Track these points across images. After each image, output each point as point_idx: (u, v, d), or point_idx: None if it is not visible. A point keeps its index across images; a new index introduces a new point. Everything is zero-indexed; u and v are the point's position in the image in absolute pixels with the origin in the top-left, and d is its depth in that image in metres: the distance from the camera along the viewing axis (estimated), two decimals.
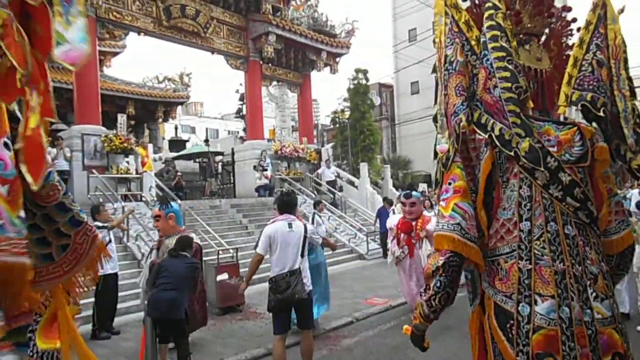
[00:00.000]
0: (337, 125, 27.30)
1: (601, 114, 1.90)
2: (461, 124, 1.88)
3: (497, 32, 1.90)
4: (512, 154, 1.82)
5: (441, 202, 1.90)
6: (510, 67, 1.86)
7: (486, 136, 1.87)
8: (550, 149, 1.85)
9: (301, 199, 13.79)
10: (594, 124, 1.93)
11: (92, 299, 5.84)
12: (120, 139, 10.85)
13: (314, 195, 13.98)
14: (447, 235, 1.79)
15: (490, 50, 1.88)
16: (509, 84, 1.83)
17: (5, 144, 1.03)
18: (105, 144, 10.73)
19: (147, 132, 21.44)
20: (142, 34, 12.40)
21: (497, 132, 1.84)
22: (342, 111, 25.49)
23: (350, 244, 11.97)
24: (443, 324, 5.69)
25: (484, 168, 1.91)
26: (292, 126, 21.92)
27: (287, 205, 4.69)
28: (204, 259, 7.30)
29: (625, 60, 2.02)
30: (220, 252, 7.84)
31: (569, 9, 2.15)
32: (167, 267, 4.39)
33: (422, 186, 21.39)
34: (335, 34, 16.25)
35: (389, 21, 31.16)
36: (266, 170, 14.12)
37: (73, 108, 11.23)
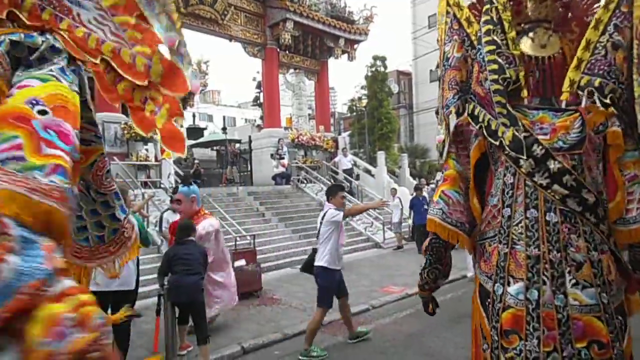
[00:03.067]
0: (355, 113, 27.12)
1: (607, 101, 1.85)
2: (450, 116, 2.02)
3: (491, 26, 1.98)
4: (497, 143, 1.91)
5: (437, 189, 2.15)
6: (499, 59, 1.94)
7: (477, 127, 1.97)
8: (541, 137, 1.88)
9: (317, 188, 13.84)
10: (611, 109, 1.86)
11: None
12: None
13: (330, 184, 13.98)
14: (432, 218, 2.06)
15: (483, 44, 1.98)
16: (496, 76, 1.92)
17: (77, 134, 1.20)
18: (125, 132, 10.88)
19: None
20: None
21: (485, 123, 1.94)
22: (360, 99, 25.28)
23: (366, 232, 11.97)
24: (459, 313, 5.68)
25: (472, 157, 2.04)
26: (309, 114, 21.85)
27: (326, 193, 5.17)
28: None
29: None
30: (238, 238, 7.92)
31: None
32: (180, 254, 4.43)
33: (440, 174, 21.19)
34: (353, 21, 16.06)
35: (408, 7, 30.67)
36: (283, 158, 14.16)
37: (94, 96, 11.39)
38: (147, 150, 11.23)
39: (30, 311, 0.83)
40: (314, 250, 5.02)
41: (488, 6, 2.02)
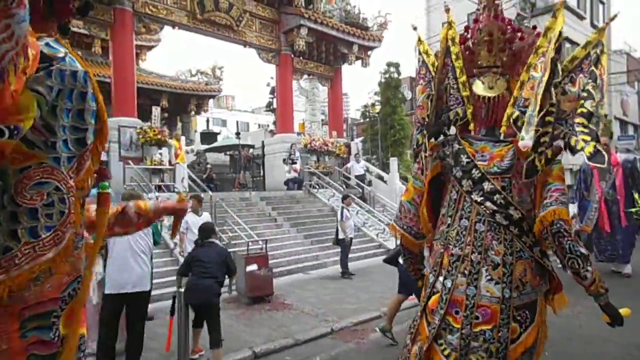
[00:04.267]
0: (367, 119, 27.11)
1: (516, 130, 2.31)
2: (413, 145, 2.60)
3: (451, 74, 2.56)
4: (449, 166, 2.46)
5: None
6: (451, 100, 2.57)
7: (439, 153, 2.52)
8: (480, 163, 2.37)
9: (329, 193, 13.83)
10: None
11: None
12: (154, 131, 11.12)
13: (342, 189, 13.96)
14: (393, 223, 2.74)
15: None
16: (452, 114, 2.55)
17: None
18: (140, 136, 11.02)
19: (179, 124, 21.91)
20: (176, 27, 12.62)
21: (447, 151, 2.50)
22: (373, 105, 25.28)
23: (378, 238, 11.90)
24: None
25: (427, 176, 2.53)
26: (322, 120, 21.90)
27: None
28: (234, 250, 7.43)
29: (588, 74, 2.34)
30: (250, 243, 7.95)
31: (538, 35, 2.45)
32: (199, 257, 4.59)
33: None
34: (367, 27, 16.09)
35: (422, 14, 30.63)
36: (295, 163, 14.18)
37: (110, 101, 11.60)
38: (161, 154, 11.36)
39: None
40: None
41: (442, 56, 2.58)
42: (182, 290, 4.36)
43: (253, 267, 6.86)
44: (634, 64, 28.68)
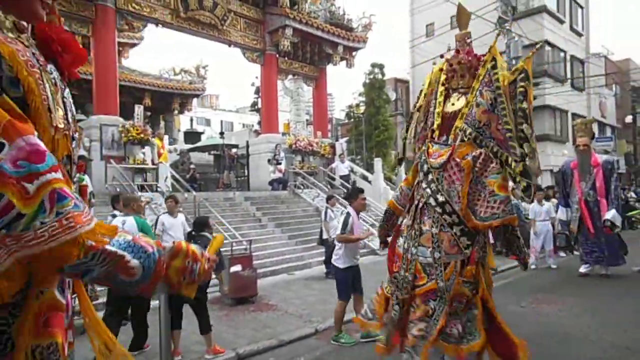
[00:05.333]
0: (352, 120, 27.21)
1: (465, 139, 3.28)
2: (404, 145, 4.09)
3: (434, 96, 3.64)
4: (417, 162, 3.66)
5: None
6: (422, 115, 3.78)
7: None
8: (432, 160, 3.42)
9: (314, 193, 13.84)
10: (471, 142, 3.30)
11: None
12: (137, 129, 10.97)
13: (327, 190, 13.99)
14: (390, 199, 4.16)
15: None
16: (430, 123, 3.63)
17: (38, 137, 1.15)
18: (123, 135, 10.86)
19: (162, 123, 21.64)
20: (159, 25, 12.47)
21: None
22: (357, 105, 25.38)
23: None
24: None
25: (412, 169, 3.75)
26: (307, 120, 21.90)
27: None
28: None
29: (512, 97, 3.15)
30: (234, 243, 7.90)
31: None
32: None
33: None
34: (352, 28, 16.14)
35: (406, 16, 30.88)
36: (280, 163, 14.16)
37: (92, 98, 11.39)
38: (144, 153, 11.21)
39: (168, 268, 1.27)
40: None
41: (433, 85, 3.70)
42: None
43: (237, 267, 6.82)
44: (612, 67, 29.39)
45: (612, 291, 7.04)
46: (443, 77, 3.56)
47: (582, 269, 8.27)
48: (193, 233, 4.88)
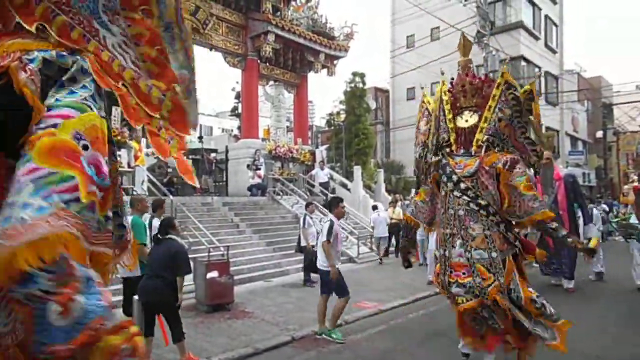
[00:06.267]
0: (332, 128, 27.27)
1: (493, 148, 3.87)
2: (416, 157, 4.57)
3: (442, 114, 4.17)
4: (440, 174, 4.06)
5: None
6: (441, 130, 4.15)
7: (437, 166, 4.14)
8: (457, 170, 3.89)
9: (293, 200, 13.79)
10: (497, 152, 3.89)
11: None
12: (113, 131, 10.71)
13: (306, 197, 13.96)
14: (407, 214, 4.72)
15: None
16: (441, 139, 4.15)
17: (106, 162, 1.29)
18: None
19: (140, 125, 21.22)
20: None
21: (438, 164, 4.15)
22: (338, 113, 25.43)
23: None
24: (431, 330, 5.71)
25: (432, 181, 4.25)
26: (287, 126, 21.83)
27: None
28: (194, 256, 7.27)
29: (524, 112, 3.99)
30: (211, 249, 7.79)
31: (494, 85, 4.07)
32: (150, 255, 4.75)
33: (414, 191, 21.44)
34: (334, 37, 16.25)
35: (387, 26, 31.30)
36: (259, 169, 14.07)
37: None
38: (119, 156, 10.98)
39: (93, 344, 0.95)
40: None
41: (438, 103, 4.21)
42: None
43: (214, 274, 6.71)
44: (584, 84, 30.39)
45: (578, 302, 7.21)
46: (447, 97, 4.13)
47: (552, 280, 8.31)
48: (159, 236, 4.71)
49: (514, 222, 3.80)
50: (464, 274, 3.77)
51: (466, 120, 4.03)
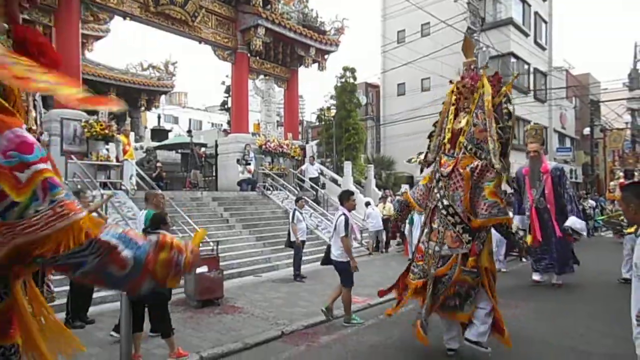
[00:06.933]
0: (323, 123, 27.24)
1: (467, 152, 4.22)
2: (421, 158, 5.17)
3: (447, 113, 4.57)
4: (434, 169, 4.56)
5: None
6: (438, 130, 4.67)
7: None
8: (442, 169, 4.31)
9: (283, 195, 13.75)
10: (472, 156, 4.25)
11: (67, 287, 5.71)
12: (101, 125, 10.58)
13: (296, 192, 13.93)
14: (406, 192, 5.42)
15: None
16: (442, 138, 4.59)
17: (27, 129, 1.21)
18: (86, 130, 10.46)
19: (129, 119, 20.94)
20: (127, 18, 12.10)
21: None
22: (328, 109, 25.40)
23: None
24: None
25: (429, 175, 4.70)
26: (278, 121, 21.78)
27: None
28: None
29: (496, 119, 4.14)
30: (200, 244, 7.73)
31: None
32: None
33: (405, 187, 21.53)
34: (324, 31, 16.17)
35: (378, 21, 31.24)
36: (249, 164, 13.99)
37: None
38: (108, 150, 10.83)
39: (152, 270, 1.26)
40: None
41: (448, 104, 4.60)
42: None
43: (203, 269, 6.66)
44: (572, 81, 30.69)
45: (565, 297, 7.29)
46: (454, 97, 4.44)
47: (535, 277, 8.25)
48: (148, 230, 4.63)
49: (465, 224, 4.17)
50: (420, 257, 4.47)
51: (460, 122, 4.38)
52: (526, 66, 25.68)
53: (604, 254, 9.87)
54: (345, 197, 6.28)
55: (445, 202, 4.19)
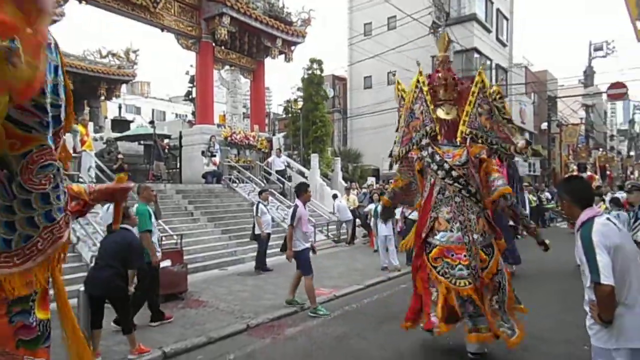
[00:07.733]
0: (290, 115, 27.07)
1: (479, 141, 4.33)
2: (394, 152, 4.88)
3: (425, 104, 4.48)
4: (427, 163, 4.39)
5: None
6: (426, 120, 4.44)
7: (422, 155, 4.44)
8: (447, 159, 4.20)
9: (249, 188, 13.62)
10: (480, 144, 4.38)
11: None
12: None
13: (263, 184, 13.82)
14: (384, 197, 5.67)
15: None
16: (429, 129, 4.44)
17: None
18: None
19: (87, 109, 20.13)
20: (83, 2, 11.57)
21: (424, 153, 4.40)
22: (295, 101, 25.25)
23: None
24: (384, 315, 5.83)
25: (415, 169, 4.55)
26: (244, 113, 21.46)
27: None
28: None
29: (498, 109, 4.66)
30: (164, 238, 7.55)
31: (471, 82, 4.55)
32: (102, 245, 4.62)
33: (371, 180, 21.75)
34: (291, 22, 16.02)
35: (345, 13, 31.23)
36: (215, 156, 13.75)
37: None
38: (64, 140, 10.36)
39: None
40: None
41: (419, 94, 4.54)
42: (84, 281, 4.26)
43: (166, 262, 6.51)
44: (531, 77, 31.74)
45: (518, 284, 7.53)
46: (426, 87, 4.46)
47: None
48: (110, 228, 4.56)
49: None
50: (465, 256, 3.95)
51: (447, 113, 4.44)
52: (488, 62, 26.34)
53: (559, 244, 10.24)
54: (302, 189, 6.34)
55: (472, 189, 4.15)
